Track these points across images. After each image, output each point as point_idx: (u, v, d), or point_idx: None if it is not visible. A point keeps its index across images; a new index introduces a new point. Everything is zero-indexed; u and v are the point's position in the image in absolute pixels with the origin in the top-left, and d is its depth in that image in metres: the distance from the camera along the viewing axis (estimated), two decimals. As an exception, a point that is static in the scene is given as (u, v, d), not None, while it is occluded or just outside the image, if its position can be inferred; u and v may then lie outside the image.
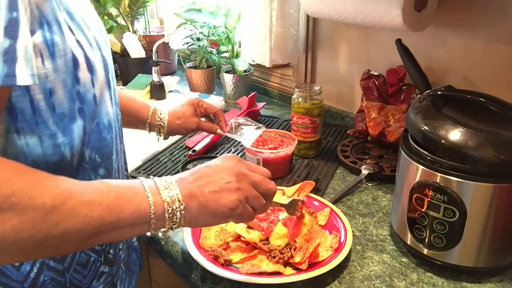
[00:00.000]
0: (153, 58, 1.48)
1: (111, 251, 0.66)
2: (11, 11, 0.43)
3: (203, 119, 1.00)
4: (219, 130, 0.99)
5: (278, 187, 0.89)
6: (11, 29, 0.43)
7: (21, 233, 0.42)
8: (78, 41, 0.53)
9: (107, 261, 0.65)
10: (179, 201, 0.52)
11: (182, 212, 0.52)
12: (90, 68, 0.54)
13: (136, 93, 1.48)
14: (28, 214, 0.42)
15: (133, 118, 0.93)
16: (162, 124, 0.94)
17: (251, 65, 1.54)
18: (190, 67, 1.58)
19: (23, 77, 0.44)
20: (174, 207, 0.52)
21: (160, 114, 0.95)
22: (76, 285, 0.61)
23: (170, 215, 0.52)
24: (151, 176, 0.54)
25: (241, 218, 0.57)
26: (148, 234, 0.52)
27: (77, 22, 0.54)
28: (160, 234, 0.53)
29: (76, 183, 0.47)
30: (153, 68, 1.47)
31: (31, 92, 0.49)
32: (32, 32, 0.47)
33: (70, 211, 0.44)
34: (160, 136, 0.96)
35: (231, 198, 0.55)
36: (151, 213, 0.50)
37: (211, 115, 1.00)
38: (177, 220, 0.53)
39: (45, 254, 0.47)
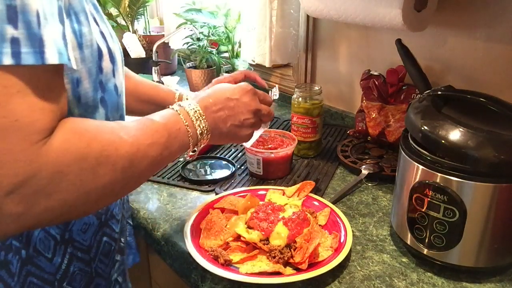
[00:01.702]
0: (153, 58, 1.48)
1: (122, 239, 0.68)
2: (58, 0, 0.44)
3: None
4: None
5: (278, 187, 0.89)
6: (61, 16, 0.45)
7: (115, 181, 0.48)
8: (102, 33, 0.54)
9: (120, 249, 0.67)
10: (207, 131, 0.63)
11: (208, 137, 0.64)
12: (112, 59, 0.56)
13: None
14: (119, 163, 0.48)
15: (159, 107, 0.91)
16: None
17: (251, 65, 1.54)
18: (190, 67, 1.58)
19: (73, 61, 0.46)
20: (204, 136, 0.63)
21: (187, 99, 0.91)
22: (99, 274, 0.63)
23: (201, 142, 0.63)
24: (179, 103, 0.63)
25: (247, 140, 0.73)
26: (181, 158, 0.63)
27: (101, 14, 0.56)
28: (186, 156, 0.64)
29: (137, 128, 0.53)
30: (153, 68, 1.47)
31: None
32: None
33: (143, 154, 0.51)
34: None
35: (247, 132, 0.70)
36: (190, 143, 0.61)
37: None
38: (203, 142, 0.64)
39: (125, 193, 0.56)
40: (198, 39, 1.51)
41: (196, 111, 0.62)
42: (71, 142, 0.44)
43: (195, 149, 0.64)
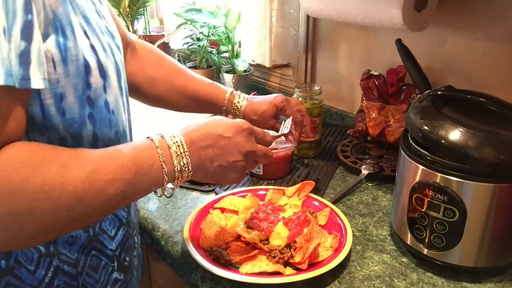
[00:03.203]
0: (153, 58, 1.47)
1: (127, 258, 0.66)
2: (26, 14, 0.42)
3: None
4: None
5: (278, 187, 0.89)
6: (27, 32, 0.43)
7: (57, 218, 0.44)
8: (92, 46, 0.52)
9: (122, 268, 0.65)
10: (189, 169, 0.56)
11: (189, 175, 0.57)
12: (103, 74, 0.53)
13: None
14: (63, 201, 0.44)
15: (207, 105, 0.88)
16: (238, 113, 0.88)
17: (251, 65, 1.54)
18: (190, 67, 1.57)
19: (36, 80, 0.44)
20: (183, 173, 0.56)
21: (238, 100, 0.88)
22: None
23: (179, 179, 0.56)
24: (161, 133, 0.56)
25: (233, 183, 0.66)
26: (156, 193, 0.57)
27: (93, 27, 0.53)
28: (161, 192, 0.58)
29: (97, 160, 0.48)
30: (153, 68, 1.47)
31: (41, 96, 0.48)
32: (46, 36, 0.46)
33: (98, 192, 0.47)
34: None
35: (235, 176, 0.62)
36: (165, 181, 0.54)
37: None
38: (182, 179, 0.57)
39: (73, 230, 0.52)
40: (198, 39, 1.51)
41: (179, 145, 0.55)
42: (6, 172, 0.41)
43: (172, 186, 0.57)
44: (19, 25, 0.42)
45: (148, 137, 0.55)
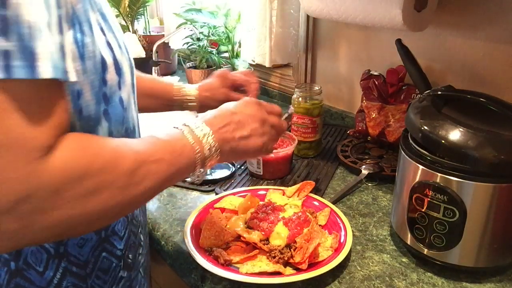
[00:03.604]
0: (153, 58, 1.48)
1: (130, 255, 0.66)
2: (58, 8, 0.43)
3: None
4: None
5: (278, 187, 0.89)
6: (60, 26, 0.43)
7: (116, 200, 0.47)
8: (108, 43, 0.52)
9: (126, 266, 0.65)
10: (216, 148, 0.60)
11: (218, 155, 0.61)
12: (118, 71, 0.54)
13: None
14: (120, 181, 0.47)
15: (165, 100, 0.91)
16: (190, 99, 0.93)
17: (251, 65, 1.54)
18: (190, 67, 1.58)
19: (72, 73, 0.44)
20: (213, 153, 0.60)
21: (184, 88, 0.93)
22: None
23: (209, 159, 0.60)
24: (185, 123, 0.60)
25: (264, 153, 0.69)
26: (188, 179, 0.62)
27: (109, 24, 0.53)
28: (195, 176, 0.62)
29: (140, 144, 0.52)
30: (153, 68, 1.47)
31: None
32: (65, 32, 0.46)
33: (146, 172, 0.50)
34: (195, 113, 0.93)
35: (258, 142, 0.66)
36: (197, 160, 0.58)
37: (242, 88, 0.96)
38: (211, 164, 0.60)
39: (127, 213, 0.54)
40: (198, 39, 1.51)
41: (201, 129, 0.60)
42: (71, 160, 0.43)
43: (209, 165, 0.61)
44: (55, 20, 0.42)
45: (174, 126, 0.60)
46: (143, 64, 1.61)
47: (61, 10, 0.44)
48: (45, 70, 0.40)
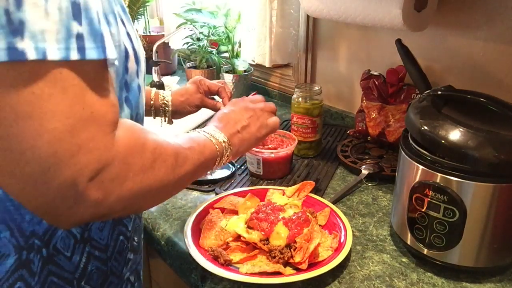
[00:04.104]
0: (153, 58, 1.48)
1: (135, 238, 0.68)
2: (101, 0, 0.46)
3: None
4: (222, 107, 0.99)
5: (278, 187, 0.89)
6: (103, 15, 0.46)
7: (167, 178, 0.52)
8: (128, 34, 0.55)
9: (132, 248, 0.67)
10: (227, 142, 0.67)
11: (230, 148, 0.67)
12: (137, 60, 0.56)
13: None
14: (169, 160, 0.53)
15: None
16: (166, 103, 0.94)
17: (251, 65, 1.54)
18: (190, 67, 1.58)
19: (114, 58, 0.47)
20: (225, 146, 0.66)
21: (163, 94, 0.95)
22: (114, 273, 0.63)
23: (225, 152, 0.66)
24: (195, 130, 0.66)
25: (270, 132, 0.76)
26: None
27: (128, 16, 0.56)
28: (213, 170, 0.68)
29: (168, 137, 0.56)
30: (153, 68, 1.47)
31: None
32: None
33: (185, 156, 0.56)
34: (165, 119, 0.96)
35: (257, 124, 0.74)
36: (217, 152, 0.64)
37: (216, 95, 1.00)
38: (228, 155, 0.67)
39: (173, 194, 0.59)
40: (198, 39, 1.51)
41: (211, 129, 0.67)
42: (132, 137, 0.48)
43: (225, 161, 0.68)
44: (101, 9, 0.45)
45: (206, 136, 0.66)
46: (143, 64, 1.61)
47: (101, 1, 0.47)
48: (110, 51, 0.44)
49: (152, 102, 0.94)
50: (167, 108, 0.94)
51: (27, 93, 0.39)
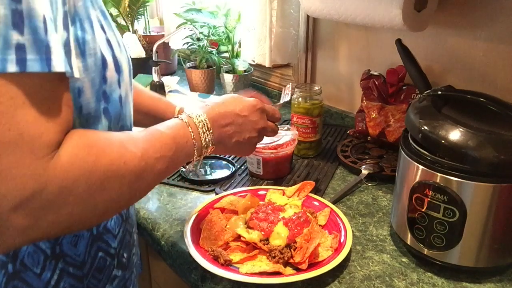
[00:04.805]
0: (153, 58, 1.48)
1: (124, 254, 0.66)
2: (63, 5, 0.43)
3: None
4: None
5: (278, 187, 0.89)
6: (66, 22, 0.43)
7: (122, 195, 0.48)
8: (108, 40, 0.52)
9: (120, 265, 0.65)
10: (212, 145, 0.64)
11: (212, 150, 0.64)
12: (118, 68, 0.53)
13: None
14: (126, 178, 0.48)
15: (157, 120, 0.87)
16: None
17: (251, 65, 1.54)
18: (190, 67, 1.58)
19: (75, 70, 0.44)
20: (208, 149, 0.63)
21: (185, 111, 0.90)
22: None
23: (204, 154, 0.63)
24: (187, 113, 0.62)
25: (247, 155, 0.74)
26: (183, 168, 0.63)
27: (109, 21, 0.53)
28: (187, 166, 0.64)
29: (146, 140, 0.53)
30: (153, 68, 1.47)
31: None
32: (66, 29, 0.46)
33: (151, 168, 0.52)
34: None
35: (251, 150, 0.71)
36: (194, 155, 0.61)
37: None
38: (205, 154, 0.64)
39: (128, 206, 0.56)
40: (198, 39, 1.51)
41: (204, 124, 0.62)
42: (79, 156, 0.43)
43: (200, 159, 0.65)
44: (61, 16, 0.42)
45: (177, 117, 0.61)
46: (143, 64, 1.61)
47: (66, 7, 0.43)
48: (58, 63, 0.40)
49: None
50: None
51: None
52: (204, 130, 0.62)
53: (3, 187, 0.38)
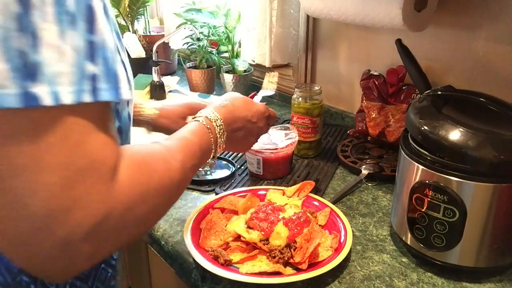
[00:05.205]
0: (153, 58, 1.48)
1: (119, 263, 0.66)
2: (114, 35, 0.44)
3: None
4: None
5: (278, 187, 0.89)
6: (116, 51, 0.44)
7: (164, 207, 0.51)
8: (122, 61, 0.51)
9: (117, 274, 0.65)
10: (223, 146, 0.67)
11: (220, 150, 0.67)
12: (130, 88, 0.54)
13: (136, 93, 1.48)
14: (171, 191, 0.50)
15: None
16: (147, 120, 0.89)
17: (251, 65, 1.54)
18: (190, 67, 1.58)
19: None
20: (218, 149, 0.66)
21: (143, 108, 0.89)
22: None
23: (215, 153, 0.66)
24: (205, 115, 0.66)
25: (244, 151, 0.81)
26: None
27: (122, 43, 0.53)
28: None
29: (180, 150, 0.55)
30: (153, 68, 1.47)
31: None
32: None
33: (188, 178, 0.55)
34: (147, 130, 0.91)
35: (247, 148, 0.79)
36: (211, 158, 0.65)
37: None
38: (221, 142, 0.67)
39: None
40: (198, 39, 1.51)
41: (221, 128, 0.66)
42: (135, 178, 0.44)
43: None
44: (114, 46, 0.43)
45: (197, 120, 0.64)
46: (143, 64, 1.61)
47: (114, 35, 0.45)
48: (125, 91, 0.42)
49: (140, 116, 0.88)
50: (146, 125, 0.88)
51: (27, 144, 0.36)
52: (221, 134, 0.65)
53: (78, 215, 0.38)
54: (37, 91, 0.35)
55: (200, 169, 0.65)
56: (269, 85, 0.95)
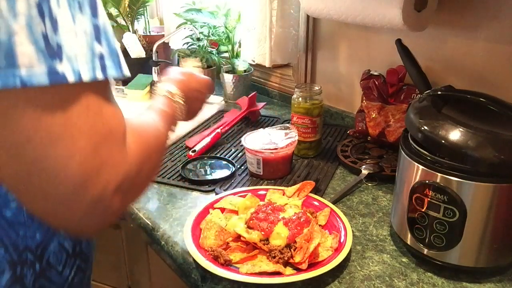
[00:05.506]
0: (153, 58, 1.48)
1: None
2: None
3: None
4: None
5: (278, 187, 0.89)
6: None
7: (159, 164, 0.60)
8: None
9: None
10: (184, 114, 0.75)
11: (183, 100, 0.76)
12: None
13: (136, 93, 1.49)
14: (164, 151, 0.62)
15: None
16: None
17: (251, 65, 1.54)
18: (190, 67, 1.57)
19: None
20: (181, 116, 0.74)
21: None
22: (89, 280, 0.66)
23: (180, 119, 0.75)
24: (169, 90, 0.74)
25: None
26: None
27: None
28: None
29: (158, 118, 0.64)
30: (153, 68, 1.47)
31: None
32: None
33: (165, 139, 0.63)
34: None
35: (200, 111, 0.85)
36: (178, 122, 0.74)
37: None
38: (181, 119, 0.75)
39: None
40: (198, 39, 1.51)
41: (182, 100, 0.74)
42: (139, 141, 0.51)
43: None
44: (112, 31, 0.47)
45: (165, 94, 0.73)
46: (143, 64, 1.61)
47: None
48: (125, 69, 0.47)
49: None
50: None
51: (60, 115, 0.41)
52: (181, 105, 0.73)
53: (106, 174, 0.44)
54: (62, 69, 0.40)
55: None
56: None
